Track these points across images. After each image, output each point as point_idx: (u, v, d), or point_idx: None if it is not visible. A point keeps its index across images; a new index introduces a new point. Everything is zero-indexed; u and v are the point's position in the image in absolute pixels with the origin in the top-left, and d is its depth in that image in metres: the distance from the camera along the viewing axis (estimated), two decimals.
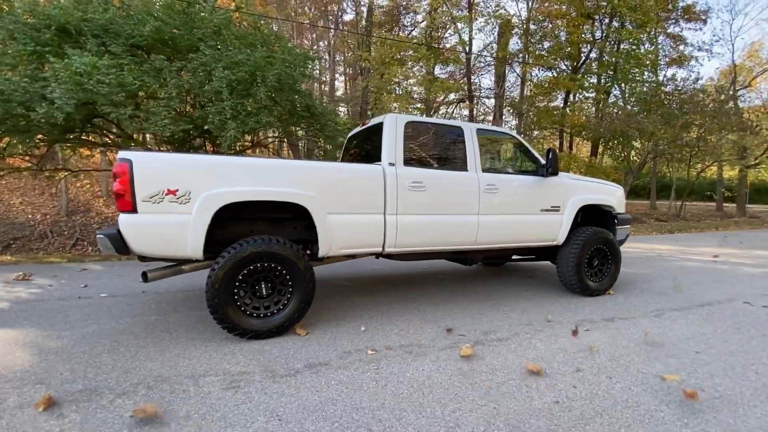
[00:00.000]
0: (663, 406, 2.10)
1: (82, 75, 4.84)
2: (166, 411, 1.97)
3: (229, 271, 2.72)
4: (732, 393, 2.24)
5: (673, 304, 3.98)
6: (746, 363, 2.64)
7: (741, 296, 4.34)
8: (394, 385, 2.27)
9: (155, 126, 5.35)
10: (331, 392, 2.18)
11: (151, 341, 2.83)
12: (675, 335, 3.14)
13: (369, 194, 3.19)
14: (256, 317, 2.86)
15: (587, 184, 4.36)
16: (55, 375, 2.30)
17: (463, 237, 3.62)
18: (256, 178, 2.86)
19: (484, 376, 2.41)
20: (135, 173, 2.53)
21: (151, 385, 2.21)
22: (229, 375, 2.35)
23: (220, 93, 5.66)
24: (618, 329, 3.27)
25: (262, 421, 1.90)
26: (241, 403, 2.06)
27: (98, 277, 4.75)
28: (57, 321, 3.21)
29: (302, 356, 2.63)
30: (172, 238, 2.66)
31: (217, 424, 1.87)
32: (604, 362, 2.62)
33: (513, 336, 3.06)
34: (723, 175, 21.55)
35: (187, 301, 3.83)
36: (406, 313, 3.54)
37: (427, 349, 2.79)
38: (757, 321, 3.51)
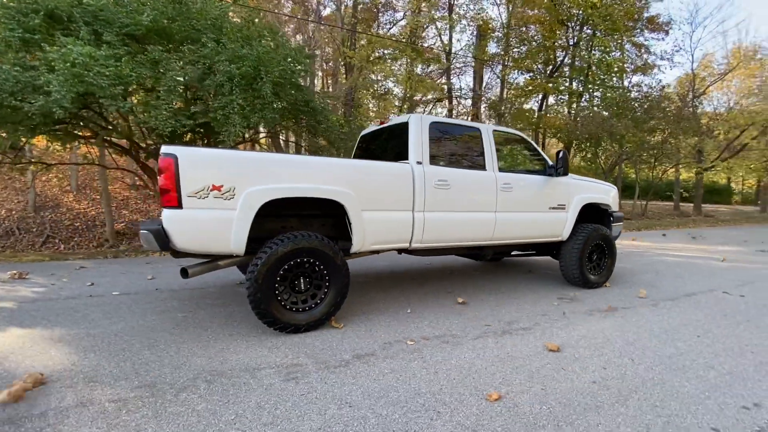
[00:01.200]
0: (685, 382, 2.36)
1: (81, 66, 4.62)
2: (234, 403, 2.01)
3: (271, 266, 2.76)
4: (738, 370, 2.54)
5: (663, 295, 4.36)
6: (741, 345, 2.98)
7: (719, 287, 4.79)
8: (444, 372, 2.41)
9: (156, 120, 5.19)
10: (388, 380, 2.29)
11: (189, 337, 2.82)
12: (674, 322, 3.46)
13: (399, 192, 3.31)
14: (296, 311, 2.91)
15: (588, 183, 4.67)
16: (104, 373, 2.27)
17: (482, 233, 3.81)
18: (298, 175, 2.90)
19: (521, 361, 2.59)
20: (180, 168, 2.52)
21: (209, 380, 2.23)
22: (282, 367, 2.41)
23: (222, 87, 5.56)
24: (623, 317, 3.56)
25: (335, 408, 1.98)
26: (307, 392, 2.13)
27: (101, 275, 4.58)
28: (78, 319, 3.11)
29: (346, 348, 2.72)
30: (217, 234, 2.66)
31: (292, 412, 1.94)
32: (622, 346, 2.88)
33: (534, 325, 3.28)
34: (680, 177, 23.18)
35: (206, 298, 3.79)
36: (428, 307, 3.68)
37: (461, 338, 2.95)
38: (739, 308, 3.92)
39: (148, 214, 12.05)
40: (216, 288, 4.13)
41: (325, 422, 1.87)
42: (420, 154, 3.48)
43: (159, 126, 5.17)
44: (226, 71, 5.37)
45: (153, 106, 5.31)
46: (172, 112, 5.30)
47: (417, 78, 17.03)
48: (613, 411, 2.03)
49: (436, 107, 23.17)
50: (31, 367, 2.31)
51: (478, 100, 20.14)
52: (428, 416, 1.95)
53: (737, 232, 12.47)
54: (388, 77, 17.89)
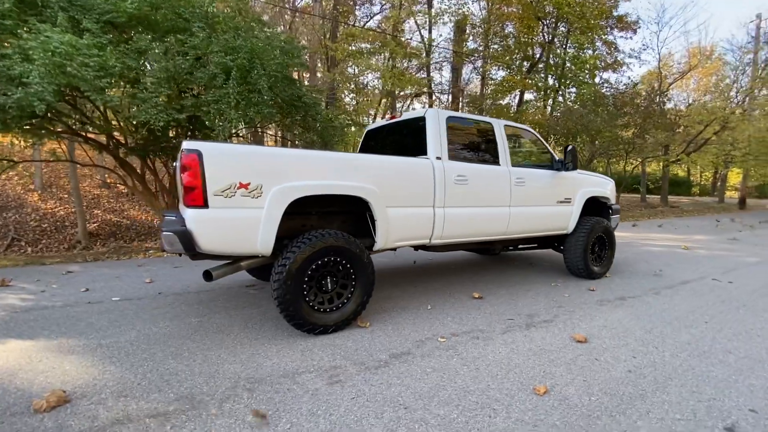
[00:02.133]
0: (711, 367, 2.47)
1: (62, 55, 4.27)
2: (284, 411, 1.92)
3: (300, 266, 2.66)
4: (753, 354, 2.69)
5: (661, 284, 4.56)
6: (747, 329, 3.15)
7: (707, 274, 5.07)
8: (485, 368, 2.41)
9: (147, 114, 4.88)
10: (433, 379, 2.26)
11: (212, 344, 2.68)
12: (679, 309, 3.62)
13: (421, 188, 3.27)
14: (323, 312, 2.83)
15: (590, 178, 4.81)
16: (132, 386, 2.12)
17: (497, 228, 3.83)
18: (324, 172, 2.80)
19: (555, 354, 2.63)
20: (206, 165, 2.37)
21: (249, 388, 2.13)
22: (322, 370, 2.33)
23: (214, 79, 5.31)
24: (632, 306, 3.69)
25: (391, 411, 1.94)
26: (356, 396, 2.07)
27: (93, 279, 4.27)
28: (84, 329, 2.89)
29: (379, 347, 2.67)
30: (244, 234, 2.53)
31: (348, 417, 1.88)
32: (642, 335, 2.98)
33: (554, 318, 3.34)
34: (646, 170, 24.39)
35: (216, 301, 3.63)
36: (446, 302, 3.68)
37: (490, 333, 2.96)
38: (732, 294, 4.16)
39: (122, 214, 11.46)
40: (222, 290, 3.96)
41: (386, 426, 1.82)
42: (439, 149, 3.45)
43: (151, 120, 4.87)
44: (221, 63, 5.12)
45: (141, 99, 5.00)
46: (163, 106, 5.01)
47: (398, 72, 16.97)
48: (657, 398, 2.10)
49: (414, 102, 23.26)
50: (47, 383, 2.12)
51: (458, 95, 20.38)
52: (485, 414, 1.94)
53: (703, 221, 13.26)
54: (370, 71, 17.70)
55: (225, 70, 5.24)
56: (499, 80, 19.07)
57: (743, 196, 19.77)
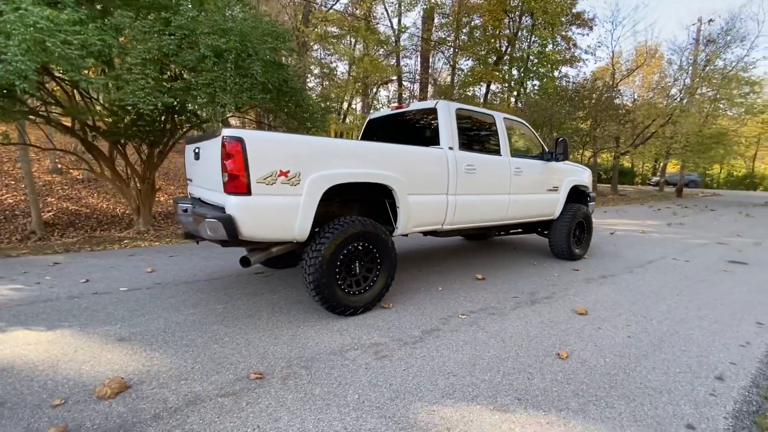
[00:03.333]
0: (691, 331, 2.92)
1: (43, 31, 3.94)
2: (347, 384, 2.07)
3: (334, 251, 2.77)
4: (721, 319, 3.19)
5: (632, 264, 5.11)
6: (710, 299, 3.69)
7: (666, 255, 5.74)
8: (510, 339, 2.68)
9: (134, 97, 4.63)
10: (469, 350, 2.50)
11: (247, 328, 2.74)
12: (652, 284, 4.13)
13: (437, 176, 3.45)
14: (352, 294, 2.96)
15: (572, 167, 5.23)
16: (188, 370, 2.16)
17: (498, 214, 4.13)
18: (355, 160, 2.90)
19: (563, 325, 2.96)
20: (248, 153, 2.40)
21: (305, 366, 2.25)
22: (365, 347, 2.49)
23: (203, 61, 5.11)
24: (614, 283, 4.16)
25: (442, 378, 2.15)
26: (407, 367, 2.26)
27: (88, 270, 4.06)
28: (104, 318, 2.82)
29: (409, 325, 2.86)
30: (283, 220, 2.60)
31: (407, 385, 2.07)
32: (629, 307, 3.41)
33: (553, 294, 3.70)
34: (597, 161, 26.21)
35: (230, 288, 3.63)
36: (454, 284, 3.93)
37: (502, 310, 3.25)
38: (691, 271, 4.78)
39: (80, 202, 10.70)
40: (232, 278, 3.95)
41: (443, 391, 2.03)
42: (451, 140, 3.64)
43: (139, 104, 4.63)
44: (213, 45, 4.94)
45: (126, 81, 4.72)
46: (150, 89, 4.77)
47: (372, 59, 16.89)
48: (657, 357, 2.47)
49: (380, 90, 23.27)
50: (96, 372, 2.11)
51: (427, 83, 20.66)
52: (524, 377, 2.20)
53: (650, 208, 14.61)
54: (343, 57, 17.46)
55: (216, 52, 5.06)
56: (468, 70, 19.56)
57: (680, 185, 21.91)
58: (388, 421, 1.77)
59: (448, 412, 1.85)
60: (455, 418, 1.82)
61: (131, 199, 7.55)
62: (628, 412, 1.90)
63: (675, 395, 2.06)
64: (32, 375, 2.07)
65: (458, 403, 1.93)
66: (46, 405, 1.82)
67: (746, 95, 17.23)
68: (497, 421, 1.80)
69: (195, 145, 3.06)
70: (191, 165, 3.32)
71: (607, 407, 1.94)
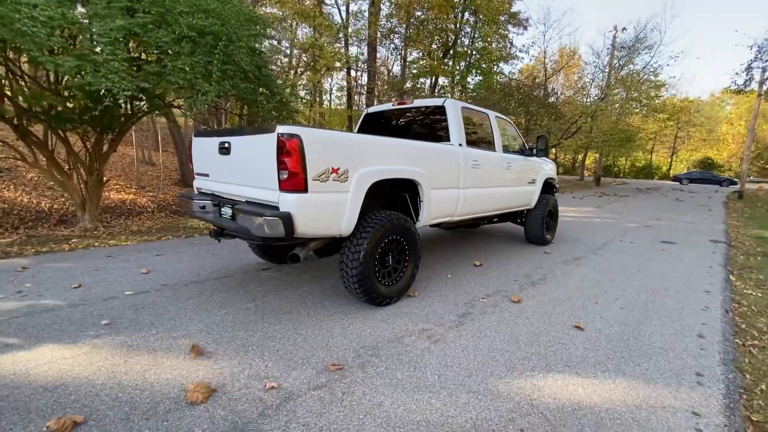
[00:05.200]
0: (665, 300, 3.54)
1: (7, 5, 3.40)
2: (421, 367, 2.25)
3: (375, 244, 2.88)
4: (680, 289, 3.89)
5: (591, 246, 5.87)
6: (665, 273, 4.44)
7: (614, 237, 6.65)
8: (533, 317, 3.05)
9: (106, 81, 4.16)
10: (505, 329, 2.81)
11: (291, 324, 2.76)
12: (617, 264, 4.83)
13: (453, 171, 3.69)
14: (386, 285, 3.11)
15: (545, 162, 5.80)
16: (263, 369, 2.18)
17: (493, 205, 4.50)
18: (392, 157, 3.01)
19: (567, 302, 3.42)
20: (306, 151, 2.41)
21: (373, 354, 2.38)
22: (416, 333, 2.68)
23: (179, 43, 4.74)
24: (587, 264, 4.79)
25: (499, 355, 2.43)
26: (464, 348, 2.50)
27: (69, 275, 3.59)
28: (128, 325, 2.63)
29: (442, 311, 3.10)
30: (333, 216, 2.64)
31: (474, 363, 2.31)
32: (609, 284, 3.99)
33: (545, 276, 4.18)
34: None
35: (247, 285, 3.54)
36: (458, 271, 4.23)
37: (516, 292, 3.62)
38: (638, 251, 5.64)
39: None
40: (240, 275, 3.83)
41: (506, 365, 2.30)
42: (459, 136, 3.89)
43: (113, 89, 4.17)
44: (198, 25, 4.59)
45: (93, 63, 4.22)
46: (124, 72, 4.32)
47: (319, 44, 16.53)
48: (650, 324, 3.00)
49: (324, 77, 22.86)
50: (169, 379, 2.04)
51: (374, 73, 20.74)
52: (561, 347, 2.56)
53: (578, 196, 16.45)
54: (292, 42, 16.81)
55: (199, 32, 4.70)
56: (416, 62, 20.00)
57: (599, 174, 24.83)
58: (476, 395, 1.99)
59: (520, 383, 2.13)
60: (528, 386, 2.10)
61: (74, 193, 6.75)
62: (651, 368, 2.34)
63: (677, 352, 2.56)
64: (95, 390, 1.93)
65: (524, 374, 2.21)
66: (136, 417, 1.74)
67: (653, 97, 19.98)
68: (561, 385, 2.12)
69: (221, 139, 2.93)
70: (210, 159, 3.15)
71: (635, 365, 2.36)
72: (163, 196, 12.03)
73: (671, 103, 26.82)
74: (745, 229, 8.40)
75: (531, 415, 1.85)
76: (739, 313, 3.34)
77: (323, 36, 18.41)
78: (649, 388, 2.13)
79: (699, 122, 37.73)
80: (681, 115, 31.02)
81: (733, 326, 3.03)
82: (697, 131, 37.61)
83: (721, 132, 40.79)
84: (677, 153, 42.38)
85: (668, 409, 1.95)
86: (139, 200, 11.21)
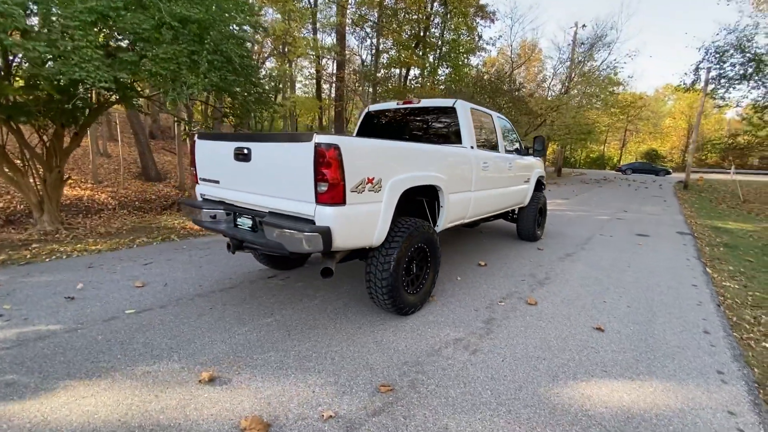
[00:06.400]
0: (662, 296, 3.76)
1: None
2: (470, 381, 2.24)
3: (404, 254, 2.82)
4: (671, 284, 4.15)
5: (577, 241, 6.14)
6: (652, 268, 4.73)
7: (594, 232, 7.00)
8: (555, 320, 3.13)
9: (80, 71, 3.70)
10: (533, 334, 2.86)
11: (322, 340, 2.65)
12: (607, 259, 5.09)
13: (466, 174, 3.67)
14: (411, 294, 3.06)
15: (537, 161, 5.94)
16: (312, 395, 2.07)
17: (499, 205, 4.55)
18: (419, 163, 2.93)
19: (578, 301, 3.54)
20: (345, 161, 2.27)
21: (417, 370, 2.34)
22: (452, 343, 2.66)
23: (159, 29, 4.33)
24: (580, 260, 5.00)
25: (537, 362, 2.47)
26: (503, 359, 2.51)
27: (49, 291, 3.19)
28: (142, 350, 2.40)
29: (466, 317, 3.11)
30: (367, 228, 2.54)
31: (518, 375, 2.33)
32: (607, 280, 4.19)
33: (548, 274, 4.31)
34: None
35: (257, 296, 3.35)
36: (464, 272, 4.26)
37: (527, 293, 3.70)
38: (619, 244, 5.97)
39: None
40: (246, 285, 3.62)
41: (547, 373, 2.34)
42: (471, 139, 3.86)
43: (88, 79, 3.73)
44: (179, 14, 4.18)
45: (65, 48, 3.74)
46: (100, 61, 3.87)
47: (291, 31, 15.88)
48: (658, 321, 3.18)
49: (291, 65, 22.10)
50: (214, 413, 1.88)
51: (343, 62, 20.30)
52: (591, 350, 2.65)
53: None
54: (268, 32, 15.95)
55: (181, 20, 4.30)
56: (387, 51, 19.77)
57: (559, 165, 26.04)
58: (534, 410, 2.01)
59: (568, 392, 2.17)
60: (577, 396, 2.15)
61: (29, 192, 6.09)
62: (677, 368, 2.48)
63: (693, 350, 2.73)
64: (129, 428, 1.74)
65: (568, 383, 2.27)
66: None
67: (610, 93, 21.12)
68: (606, 392, 2.19)
69: (237, 144, 2.70)
70: (223, 165, 2.90)
71: (663, 366, 2.49)
72: (124, 191, 11.17)
73: (623, 99, 28.53)
74: (700, 220, 9.17)
75: (592, 427, 1.90)
76: (727, 306, 3.62)
77: (293, 22, 17.68)
78: (683, 389, 2.26)
79: (646, 116, 40.47)
80: (630, 110, 33.17)
81: (727, 320, 3.29)
82: (644, 125, 40.36)
83: (664, 126, 44.14)
84: (626, 145, 45.37)
85: (707, 410, 2.07)
86: (97, 196, 10.35)
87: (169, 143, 17.96)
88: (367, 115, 4.64)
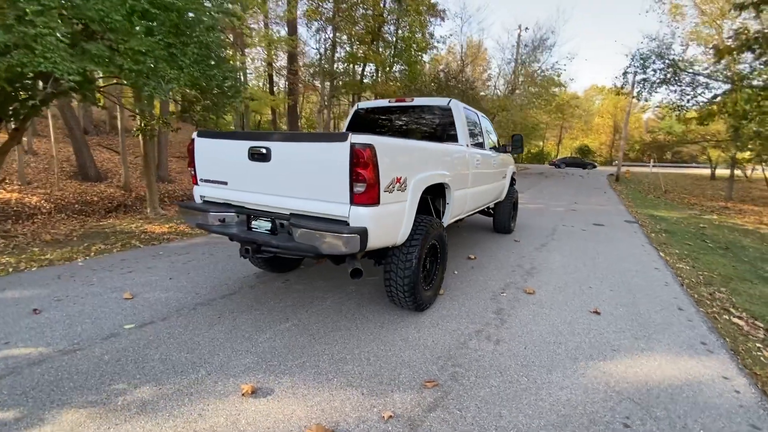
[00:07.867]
0: (647, 282, 4.19)
1: None
2: (497, 369, 2.36)
3: (424, 252, 2.87)
4: (644, 269, 4.63)
5: (545, 232, 6.60)
6: (616, 255, 5.23)
7: (556, 222, 7.56)
8: (556, 306, 3.37)
9: (46, 62, 3.26)
10: (542, 321, 3.07)
11: (351, 341, 2.63)
12: (577, 248, 5.53)
13: (465, 172, 3.79)
14: (426, 290, 3.12)
15: (510, 158, 6.27)
16: (361, 400, 2.06)
17: (486, 200, 4.75)
18: (434, 162, 2.98)
19: (568, 288, 3.84)
20: (379, 162, 2.26)
21: (453, 363, 2.42)
22: (474, 335, 2.78)
23: (131, 18, 3.95)
24: (555, 249, 5.39)
25: (556, 347, 2.66)
26: (525, 346, 2.67)
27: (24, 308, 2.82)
28: (160, 367, 2.22)
29: (476, 308, 3.25)
30: (394, 227, 2.55)
31: (543, 360, 2.50)
32: (585, 269, 4.57)
33: (533, 265, 4.61)
34: None
35: (265, 301, 3.22)
36: (459, 267, 4.41)
37: (521, 285, 3.93)
38: (583, 234, 6.51)
39: None
40: (247, 290, 3.45)
41: (567, 356, 2.54)
42: (465, 137, 4.00)
43: (57, 72, 3.30)
44: (157, 2, 3.83)
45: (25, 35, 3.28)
46: (69, 52, 3.44)
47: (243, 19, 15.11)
48: (640, 302, 3.55)
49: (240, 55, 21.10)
50: (270, 428, 1.80)
51: (295, 55, 19.77)
52: (596, 333, 2.91)
53: None
54: None
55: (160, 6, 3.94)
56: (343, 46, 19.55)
57: None
58: (570, 390, 2.18)
59: (592, 372, 2.38)
60: (599, 375, 2.36)
61: None
62: (671, 341, 2.81)
63: (676, 326, 3.09)
64: None
65: (588, 363, 2.47)
66: None
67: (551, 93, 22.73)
68: (623, 368, 2.43)
69: (253, 143, 2.56)
70: (233, 165, 2.73)
71: (657, 341, 2.81)
72: (59, 192, 10.01)
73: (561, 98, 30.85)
74: (638, 209, 10.25)
75: (623, 402, 2.10)
76: (688, 285, 4.13)
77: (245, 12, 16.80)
78: (681, 360, 2.56)
79: (578, 115, 44.10)
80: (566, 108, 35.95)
81: (691, 298, 3.75)
82: (577, 122, 43.96)
83: (594, 123, 48.42)
84: (562, 141, 49.15)
85: (706, 377, 2.38)
86: (28, 199, 9.22)
87: (105, 139, 16.35)
88: (357, 113, 4.60)
